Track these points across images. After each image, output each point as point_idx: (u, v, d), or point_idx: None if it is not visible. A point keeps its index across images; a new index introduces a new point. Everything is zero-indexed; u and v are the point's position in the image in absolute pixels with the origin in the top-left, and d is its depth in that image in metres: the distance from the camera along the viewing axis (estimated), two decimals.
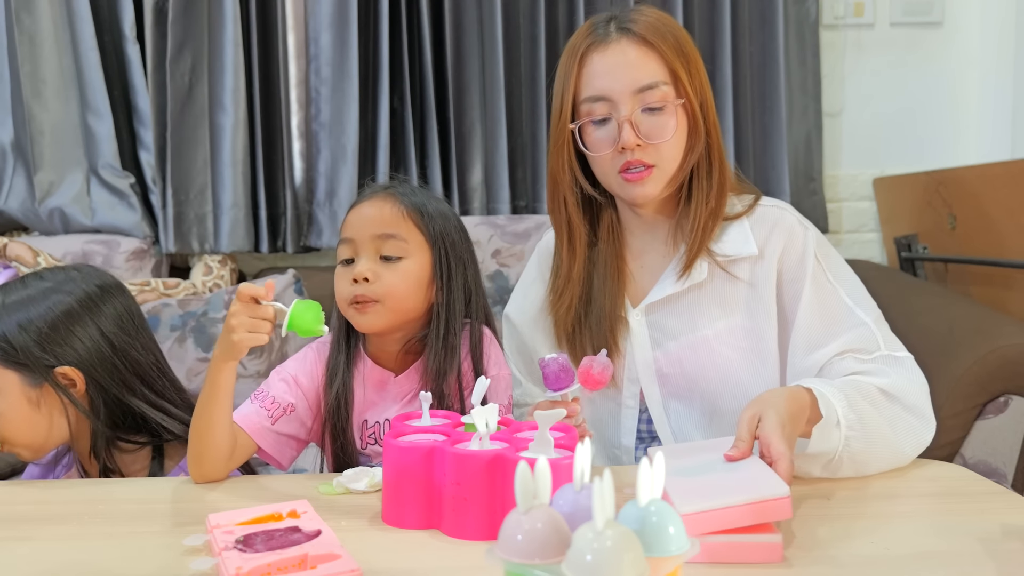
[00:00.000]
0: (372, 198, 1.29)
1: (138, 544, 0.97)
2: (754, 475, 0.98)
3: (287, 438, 1.27)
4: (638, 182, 1.31)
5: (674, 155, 1.32)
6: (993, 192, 2.09)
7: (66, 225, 2.28)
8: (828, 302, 1.32)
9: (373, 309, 1.25)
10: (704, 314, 1.35)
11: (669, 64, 1.30)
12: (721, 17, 2.47)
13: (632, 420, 1.38)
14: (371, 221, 1.27)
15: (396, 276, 1.25)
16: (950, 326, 1.86)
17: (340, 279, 1.28)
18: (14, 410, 1.28)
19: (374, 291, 1.24)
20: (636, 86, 1.29)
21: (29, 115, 2.24)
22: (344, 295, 1.27)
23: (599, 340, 1.36)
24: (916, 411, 1.25)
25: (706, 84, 1.34)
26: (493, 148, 2.43)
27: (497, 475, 0.96)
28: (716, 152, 1.35)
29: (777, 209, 1.38)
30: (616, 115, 1.29)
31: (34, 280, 1.33)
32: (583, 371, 1.14)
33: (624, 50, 1.30)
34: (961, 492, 1.12)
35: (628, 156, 1.29)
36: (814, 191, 2.59)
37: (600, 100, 1.31)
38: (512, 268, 2.27)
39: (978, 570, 0.88)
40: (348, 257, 1.27)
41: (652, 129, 1.29)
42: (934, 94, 2.67)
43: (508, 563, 0.68)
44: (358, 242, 1.26)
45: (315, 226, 2.41)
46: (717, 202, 1.35)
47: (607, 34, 1.32)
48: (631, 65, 1.29)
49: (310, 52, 2.37)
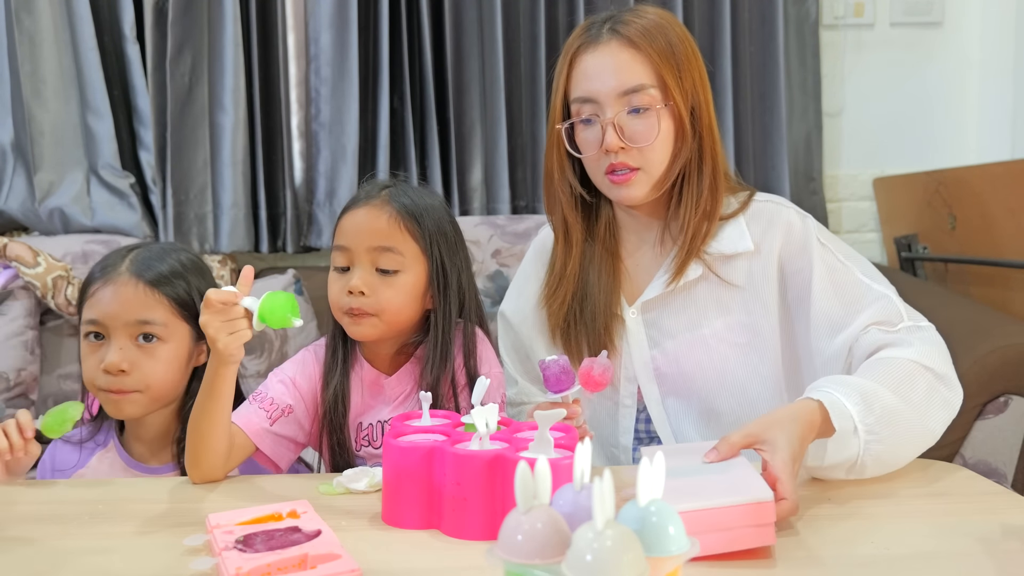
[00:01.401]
0: (368, 204, 1.27)
1: (138, 544, 0.97)
2: (741, 478, 0.98)
3: (285, 440, 1.27)
4: (623, 184, 1.31)
5: (660, 158, 1.31)
6: (993, 192, 2.09)
7: (66, 225, 2.28)
8: (844, 282, 1.30)
9: (368, 321, 1.25)
10: (700, 313, 1.35)
11: (656, 68, 1.29)
12: (721, 17, 2.47)
13: (630, 419, 1.39)
14: (367, 232, 1.25)
15: (392, 291, 1.25)
16: (950, 326, 1.85)
17: (334, 285, 1.27)
18: (175, 359, 1.31)
19: (370, 305, 1.24)
20: (621, 89, 1.29)
21: (29, 115, 2.24)
22: (339, 304, 1.26)
23: (593, 337, 1.36)
24: (946, 380, 1.23)
25: (701, 86, 1.33)
26: (493, 148, 2.43)
27: (497, 475, 0.96)
28: (709, 155, 1.34)
29: (773, 204, 1.37)
30: (601, 117, 1.30)
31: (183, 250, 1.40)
32: (583, 373, 1.13)
33: (613, 52, 1.30)
34: (961, 492, 1.12)
35: (612, 159, 1.30)
36: (814, 191, 2.59)
37: (587, 101, 1.31)
38: (512, 268, 2.27)
39: (978, 570, 0.88)
40: (343, 265, 1.26)
41: (636, 132, 1.29)
42: (934, 94, 2.67)
43: (508, 563, 0.68)
44: (354, 252, 1.25)
45: (315, 226, 2.41)
46: (710, 204, 1.34)
47: (599, 35, 1.32)
48: (618, 68, 1.29)
49: (310, 52, 2.37)
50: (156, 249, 1.36)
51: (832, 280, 1.31)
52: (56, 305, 2.05)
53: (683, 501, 0.88)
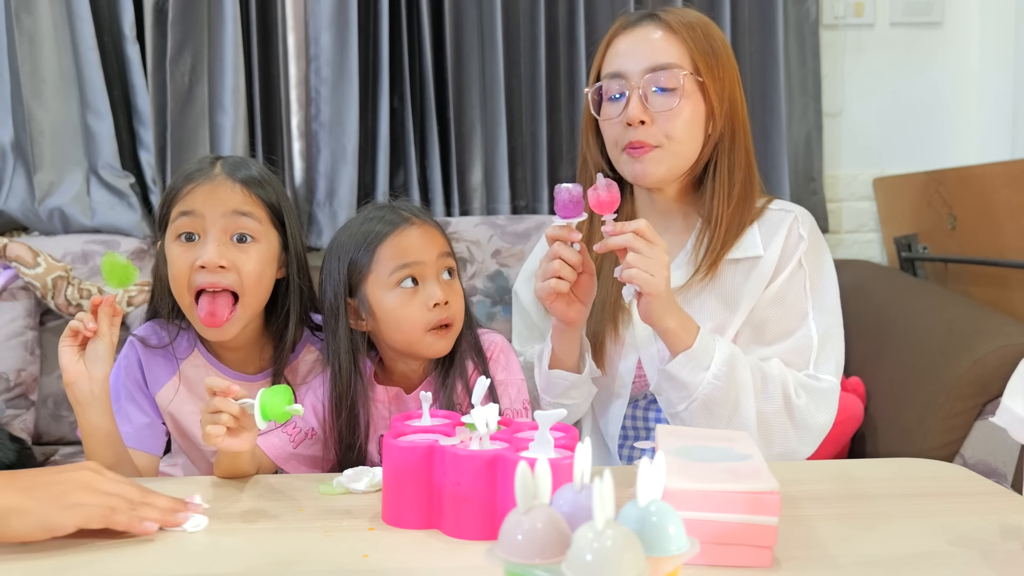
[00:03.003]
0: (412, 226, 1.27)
1: (140, 544, 0.97)
2: (750, 469, 0.98)
3: (311, 458, 1.29)
4: (639, 158, 1.32)
5: (682, 138, 1.32)
6: (993, 192, 2.08)
7: (66, 225, 2.28)
8: (790, 306, 1.35)
9: (450, 332, 1.27)
10: (705, 309, 1.36)
11: (690, 52, 1.31)
12: (721, 17, 2.47)
13: (621, 409, 1.40)
14: (431, 243, 1.27)
15: (459, 296, 1.29)
16: (950, 326, 1.86)
17: (410, 306, 1.25)
18: (268, 262, 1.31)
19: (452, 313, 1.26)
20: (650, 64, 1.31)
21: (29, 115, 2.24)
22: (424, 321, 1.24)
23: (599, 324, 1.38)
24: (801, 427, 1.30)
25: (738, 88, 1.36)
26: (493, 148, 2.43)
27: (497, 475, 0.96)
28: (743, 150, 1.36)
29: (783, 212, 1.40)
30: (628, 91, 1.31)
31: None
32: (592, 200, 1.21)
33: (648, 33, 1.33)
34: (961, 492, 1.12)
35: (632, 134, 1.31)
36: (814, 191, 2.59)
37: (616, 77, 1.33)
38: (512, 268, 2.27)
39: (978, 570, 0.88)
40: (411, 277, 1.25)
41: (659, 105, 1.30)
42: (934, 94, 2.67)
43: (508, 563, 0.68)
44: (426, 264, 1.25)
45: (315, 226, 2.41)
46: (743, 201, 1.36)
47: (639, 20, 1.35)
48: (650, 46, 1.32)
49: (310, 52, 2.37)
50: (240, 158, 1.37)
51: (785, 299, 1.35)
52: (56, 305, 2.05)
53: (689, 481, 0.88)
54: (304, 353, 1.40)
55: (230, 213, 1.27)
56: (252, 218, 1.29)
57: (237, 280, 1.27)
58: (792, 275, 1.35)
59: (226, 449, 1.10)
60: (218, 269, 1.25)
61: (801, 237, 1.37)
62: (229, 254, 1.26)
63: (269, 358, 1.37)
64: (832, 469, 1.28)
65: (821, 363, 1.33)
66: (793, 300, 1.35)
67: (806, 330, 1.33)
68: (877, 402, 1.97)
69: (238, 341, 1.34)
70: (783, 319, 1.34)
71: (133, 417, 1.35)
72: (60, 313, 2.07)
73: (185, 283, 1.27)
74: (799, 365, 1.33)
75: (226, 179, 1.29)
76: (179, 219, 1.28)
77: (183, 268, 1.27)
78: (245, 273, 1.27)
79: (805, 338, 1.33)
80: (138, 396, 1.37)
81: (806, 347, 1.33)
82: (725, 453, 0.98)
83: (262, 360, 1.38)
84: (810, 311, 1.34)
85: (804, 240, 1.36)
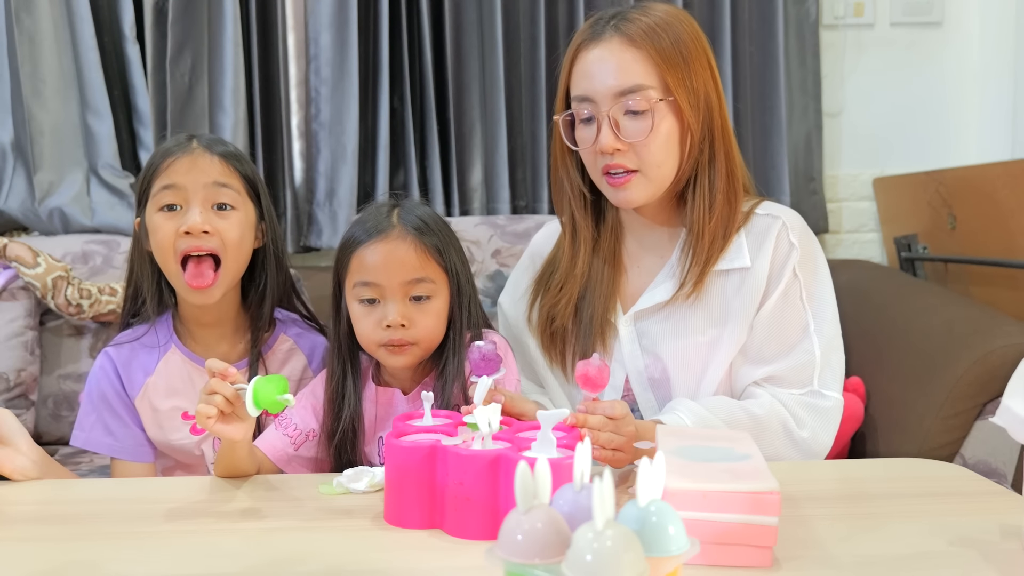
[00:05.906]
0: (389, 238, 1.25)
1: (138, 544, 0.97)
2: (750, 469, 0.98)
3: (312, 460, 1.30)
4: (621, 187, 1.30)
5: (658, 160, 1.29)
6: (993, 192, 2.08)
7: (66, 225, 2.28)
8: (789, 321, 1.31)
9: (409, 351, 1.25)
10: (692, 324, 1.34)
11: (657, 68, 1.27)
12: (721, 17, 2.47)
13: None
14: (399, 266, 1.24)
15: (430, 318, 1.26)
16: (950, 326, 1.86)
17: (366, 320, 1.25)
18: (246, 229, 1.38)
19: (412, 335, 1.24)
20: (618, 89, 1.27)
21: (29, 115, 2.24)
22: (376, 338, 1.25)
23: (586, 340, 1.36)
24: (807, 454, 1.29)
25: (712, 86, 1.31)
26: (493, 148, 2.43)
27: (500, 475, 0.96)
28: (722, 157, 1.31)
29: (770, 218, 1.35)
30: (598, 116, 1.29)
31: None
32: (581, 376, 1.11)
33: (613, 51, 1.28)
34: (961, 492, 1.12)
35: (608, 159, 1.29)
36: (814, 191, 2.59)
37: (585, 100, 1.30)
38: (512, 268, 2.26)
39: (978, 570, 0.88)
40: (371, 297, 1.25)
41: (632, 133, 1.28)
42: (934, 94, 2.67)
43: (508, 563, 0.68)
44: (386, 287, 1.24)
45: (315, 226, 2.41)
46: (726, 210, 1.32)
47: (602, 32, 1.30)
48: (616, 67, 1.27)
49: (310, 52, 2.37)
50: (213, 135, 1.42)
51: (782, 314, 1.31)
52: (56, 305, 2.05)
53: (690, 480, 0.88)
54: (278, 343, 1.45)
55: (210, 184, 1.35)
56: (231, 188, 1.36)
57: (220, 244, 1.34)
58: (788, 289, 1.31)
59: (216, 434, 1.11)
60: (202, 234, 1.32)
61: (792, 245, 1.32)
62: (212, 220, 1.34)
63: (243, 348, 1.42)
64: (832, 469, 1.28)
65: (826, 378, 1.30)
66: (792, 314, 1.31)
67: (808, 344, 1.30)
68: (877, 402, 1.96)
69: (216, 315, 1.40)
70: (783, 334, 1.30)
71: (116, 431, 1.39)
72: (60, 313, 2.07)
73: (171, 249, 1.33)
74: (802, 382, 1.30)
75: (204, 152, 1.37)
76: (161, 192, 1.34)
77: (168, 235, 1.33)
78: (228, 238, 1.34)
79: (807, 353, 1.30)
80: (120, 409, 1.40)
81: (808, 363, 1.30)
82: (725, 453, 0.98)
83: (236, 351, 1.42)
84: (810, 322, 1.31)
85: (795, 248, 1.32)
